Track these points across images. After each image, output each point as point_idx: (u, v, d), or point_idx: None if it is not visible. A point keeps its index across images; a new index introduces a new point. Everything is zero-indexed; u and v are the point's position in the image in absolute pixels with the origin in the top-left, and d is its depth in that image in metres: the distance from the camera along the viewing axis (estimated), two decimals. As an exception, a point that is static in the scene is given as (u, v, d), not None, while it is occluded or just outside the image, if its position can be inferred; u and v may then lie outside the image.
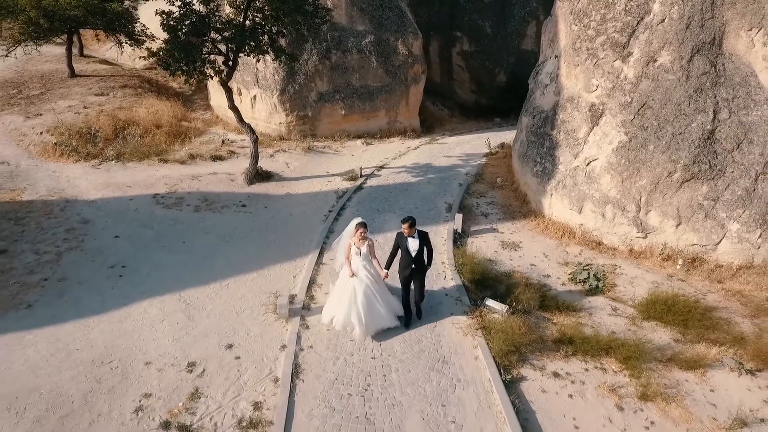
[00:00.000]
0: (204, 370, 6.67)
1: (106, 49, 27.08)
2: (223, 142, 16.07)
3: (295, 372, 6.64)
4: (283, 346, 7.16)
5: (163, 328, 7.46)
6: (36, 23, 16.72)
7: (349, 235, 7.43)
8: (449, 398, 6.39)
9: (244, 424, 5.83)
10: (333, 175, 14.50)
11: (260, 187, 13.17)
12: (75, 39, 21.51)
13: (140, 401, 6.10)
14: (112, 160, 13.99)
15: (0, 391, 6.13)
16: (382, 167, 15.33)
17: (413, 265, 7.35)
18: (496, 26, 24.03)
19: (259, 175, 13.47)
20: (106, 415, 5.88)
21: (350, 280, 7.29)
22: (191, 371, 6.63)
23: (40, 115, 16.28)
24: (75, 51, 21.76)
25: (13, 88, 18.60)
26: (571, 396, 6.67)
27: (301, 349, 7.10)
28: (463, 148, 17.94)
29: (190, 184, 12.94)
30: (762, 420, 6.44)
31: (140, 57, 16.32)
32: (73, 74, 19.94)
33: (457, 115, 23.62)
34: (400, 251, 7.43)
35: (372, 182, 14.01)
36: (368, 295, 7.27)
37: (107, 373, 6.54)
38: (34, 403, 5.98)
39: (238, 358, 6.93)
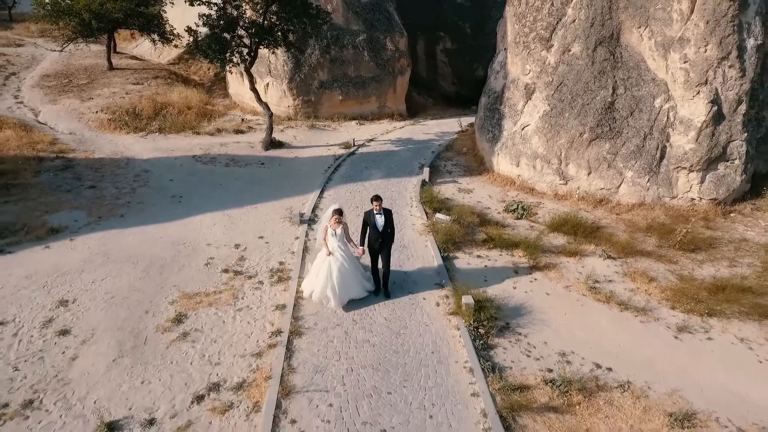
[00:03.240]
0: (246, 247, 10.23)
1: (132, 47, 30.73)
2: (242, 120, 19.68)
3: (305, 248, 10.19)
4: (297, 237, 10.74)
5: (216, 228, 11.04)
6: (88, 24, 20.31)
7: (326, 219, 8.34)
8: (404, 263, 9.91)
9: (274, 270, 9.38)
10: (332, 145, 18.07)
11: (274, 152, 16.76)
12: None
13: (208, 260, 9.67)
14: (156, 132, 17.58)
15: (118, 255, 9.71)
16: (371, 140, 18.91)
17: (381, 239, 8.37)
18: (475, 27, 27.57)
19: (273, 144, 17.04)
20: (188, 266, 9.44)
21: (327, 259, 8.20)
22: (237, 248, 10.21)
23: (92, 99, 19.88)
24: (111, 48, 25.35)
25: (64, 79, 22.23)
26: (485, 266, 10.17)
27: (308, 239, 10.64)
28: (441, 128, 21.48)
29: (220, 149, 16.53)
30: (610, 281, 9.92)
31: (186, 49, 19.71)
32: (111, 67, 23.51)
33: (440, 104, 27.17)
34: (369, 229, 8.38)
35: (363, 150, 17.58)
36: (342, 271, 8.17)
37: (183, 248, 10.11)
38: (142, 260, 9.54)
39: (267, 243, 10.50)
